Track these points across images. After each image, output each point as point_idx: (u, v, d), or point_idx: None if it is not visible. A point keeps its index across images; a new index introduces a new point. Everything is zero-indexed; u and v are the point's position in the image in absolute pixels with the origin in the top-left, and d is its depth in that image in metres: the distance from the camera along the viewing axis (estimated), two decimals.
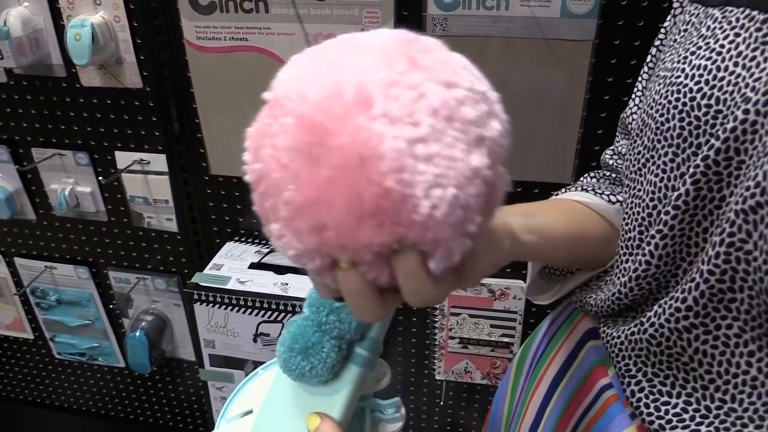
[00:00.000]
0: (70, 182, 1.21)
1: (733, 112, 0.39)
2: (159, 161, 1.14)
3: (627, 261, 0.49)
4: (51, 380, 1.56)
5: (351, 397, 0.47)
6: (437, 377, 1.21)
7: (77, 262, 1.32)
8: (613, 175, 0.60)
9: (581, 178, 0.63)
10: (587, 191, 0.58)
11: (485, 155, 0.33)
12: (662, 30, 0.55)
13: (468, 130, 0.32)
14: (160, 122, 1.10)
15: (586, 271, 0.59)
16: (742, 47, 0.39)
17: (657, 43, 0.56)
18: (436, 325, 1.15)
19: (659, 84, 0.45)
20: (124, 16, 1.01)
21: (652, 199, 0.45)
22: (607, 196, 0.57)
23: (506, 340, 1.12)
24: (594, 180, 0.61)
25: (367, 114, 0.30)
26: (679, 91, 0.42)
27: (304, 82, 0.32)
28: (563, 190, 0.62)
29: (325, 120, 0.30)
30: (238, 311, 1.05)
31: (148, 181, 1.17)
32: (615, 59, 0.89)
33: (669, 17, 0.54)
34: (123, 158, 1.15)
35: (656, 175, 0.45)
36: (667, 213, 0.42)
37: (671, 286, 0.45)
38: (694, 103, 0.41)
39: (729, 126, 0.38)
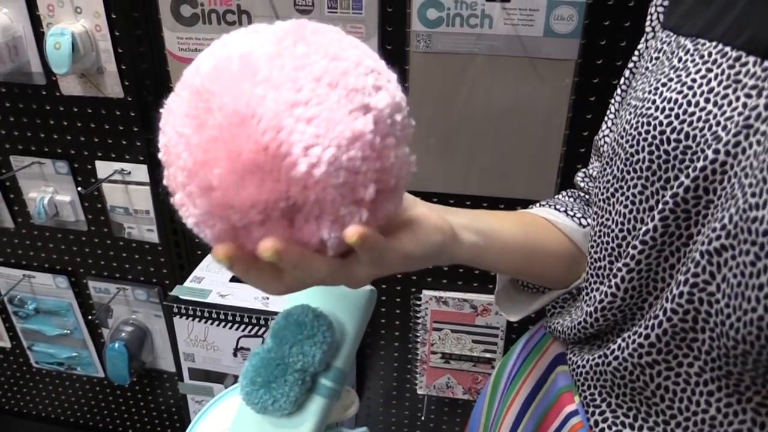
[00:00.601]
0: (49, 191, 1.19)
1: (703, 150, 0.38)
2: (140, 171, 1.13)
3: (594, 290, 0.49)
4: (29, 389, 1.54)
5: (316, 429, 0.46)
6: (419, 392, 1.21)
7: (56, 271, 1.30)
8: (586, 197, 0.60)
9: (556, 196, 0.63)
10: (559, 210, 0.58)
11: (369, 122, 0.34)
12: (635, 53, 0.55)
13: (352, 97, 0.34)
14: (142, 132, 1.09)
15: (555, 290, 0.59)
16: (714, 83, 0.39)
17: (630, 65, 0.56)
18: (418, 339, 1.14)
19: (630, 113, 0.44)
20: (105, 26, 1.00)
21: (621, 230, 0.45)
22: (578, 219, 0.57)
23: (488, 355, 1.11)
24: (568, 199, 0.61)
25: (251, 80, 0.32)
26: (649, 123, 0.42)
27: (202, 58, 0.36)
28: (536, 204, 0.62)
29: (212, 86, 0.33)
30: (218, 325, 1.04)
31: (128, 191, 1.15)
32: (597, 79, 0.89)
33: (642, 41, 0.54)
34: (104, 168, 1.14)
35: (625, 206, 0.45)
36: (634, 247, 0.42)
37: (637, 318, 0.45)
38: (664, 137, 0.40)
39: (699, 165, 0.38)
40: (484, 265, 0.52)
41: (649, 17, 0.52)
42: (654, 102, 0.42)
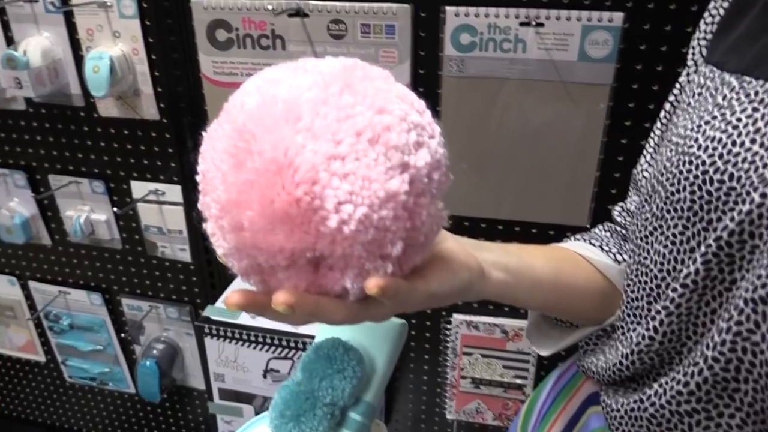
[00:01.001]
0: (85, 210, 1.21)
1: (749, 193, 0.37)
2: (174, 192, 1.15)
3: (630, 331, 0.47)
4: (62, 403, 1.56)
5: None
6: (448, 416, 1.19)
7: (91, 288, 1.33)
8: (623, 231, 0.59)
9: (593, 230, 0.62)
10: (594, 245, 0.57)
11: (405, 182, 0.34)
12: (677, 85, 0.54)
13: (390, 154, 0.33)
14: (176, 154, 1.11)
15: (588, 326, 0.57)
16: (760, 123, 0.38)
17: (671, 98, 0.55)
18: (448, 363, 1.13)
19: (671, 150, 0.43)
20: (142, 49, 1.02)
21: (660, 271, 0.44)
22: (614, 254, 0.56)
23: (519, 381, 1.10)
24: (604, 233, 0.60)
25: (293, 127, 0.32)
26: (690, 162, 0.40)
27: (247, 93, 0.35)
28: (571, 237, 0.61)
29: (254, 128, 0.33)
30: (248, 346, 1.05)
31: (162, 211, 1.17)
32: (633, 103, 0.87)
33: (683, 74, 0.53)
34: (138, 188, 1.16)
35: (665, 246, 0.43)
36: (674, 290, 0.41)
37: (675, 363, 0.44)
38: (707, 177, 0.39)
39: (744, 208, 0.37)
40: (513, 302, 0.51)
41: (691, 50, 0.51)
42: (696, 140, 0.41)
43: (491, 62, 0.88)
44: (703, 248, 0.39)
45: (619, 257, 0.55)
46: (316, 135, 0.32)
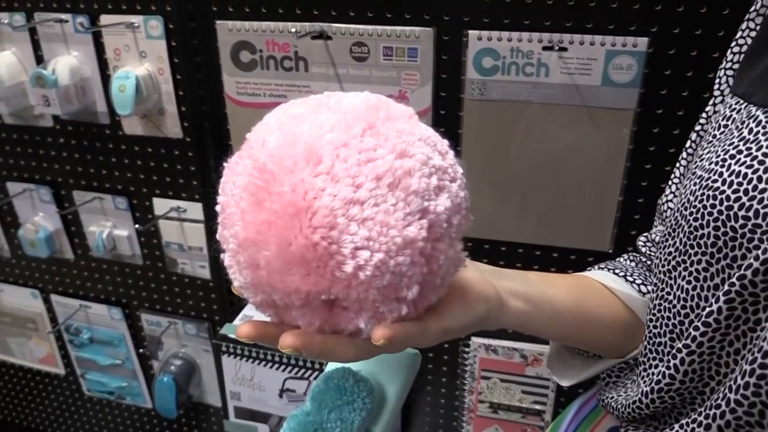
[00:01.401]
0: (108, 225, 1.23)
1: None
2: (195, 209, 1.15)
3: (652, 367, 0.46)
4: (79, 416, 1.57)
5: None
6: None
7: (111, 302, 1.34)
8: (648, 262, 0.58)
9: (617, 259, 0.61)
10: (618, 275, 0.56)
11: (424, 228, 0.34)
12: (703, 115, 0.53)
13: (410, 200, 0.33)
14: (198, 172, 1.12)
15: (610, 358, 0.56)
16: None
17: (697, 128, 0.54)
18: (466, 387, 1.12)
19: (695, 184, 0.42)
20: (168, 69, 1.04)
21: (683, 307, 0.43)
22: (638, 285, 0.54)
23: (538, 407, 1.08)
24: (629, 263, 0.59)
25: (313, 170, 0.32)
26: (715, 198, 0.39)
27: (270, 129, 0.35)
28: (595, 266, 0.60)
29: (274, 168, 0.33)
30: (265, 365, 1.05)
31: (183, 228, 1.18)
32: (657, 128, 0.87)
33: (710, 104, 0.52)
34: (160, 205, 1.17)
35: (688, 282, 0.42)
36: (696, 328, 0.40)
37: (697, 404, 0.42)
38: (731, 213, 0.38)
39: None
40: (532, 332, 0.51)
41: (717, 80, 0.51)
42: (721, 174, 0.40)
43: (513, 86, 0.88)
44: (726, 286, 0.38)
45: (643, 288, 0.54)
46: (335, 178, 0.32)
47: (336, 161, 0.32)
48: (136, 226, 1.20)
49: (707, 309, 0.39)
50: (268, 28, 0.94)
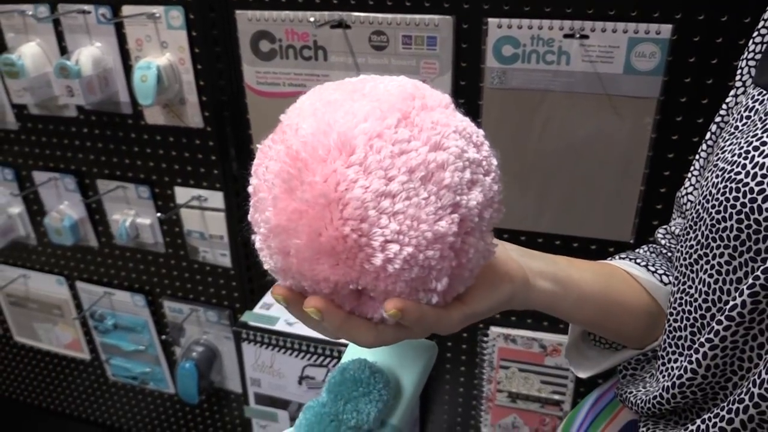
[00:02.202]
0: (131, 214, 1.25)
1: None
2: (216, 198, 1.17)
3: (672, 362, 0.46)
4: (104, 400, 1.61)
5: None
6: (483, 430, 1.18)
7: (134, 289, 1.36)
8: (669, 254, 0.57)
9: (636, 250, 0.60)
10: (639, 264, 0.55)
11: (455, 223, 0.33)
12: (723, 106, 0.52)
13: (442, 194, 0.33)
14: (219, 161, 1.13)
15: (628, 349, 0.56)
16: None
17: (717, 119, 0.53)
18: (484, 376, 1.12)
19: (717, 176, 0.42)
20: (188, 59, 1.04)
21: (705, 301, 0.42)
22: (660, 275, 0.54)
23: (557, 397, 1.08)
24: (650, 254, 0.58)
25: (345, 160, 0.32)
26: (738, 190, 0.39)
27: (304, 115, 0.35)
28: (616, 256, 0.59)
29: (307, 157, 0.33)
30: (284, 353, 1.06)
31: (204, 216, 1.19)
32: (681, 117, 0.85)
33: (731, 95, 0.51)
34: (182, 194, 1.18)
35: (710, 276, 0.42)
36: (719, 323, 0.39)
37: (719, 399, 0.42)
38: (755, 206, 0.38)
39: None
40: (559, 314, 0.50)
41: (739, 71, 0.50)
42: (744, 167, 0.39)
43: (534, 74, 0.87)
44: (750, 279, 0.38)
45: (665, 278, 0.54)
46: (368, 170, 0.32)
47: (369, 152, 0.32)
48: (158, 214, 1.21)
49: (731, 303, 0.39)
50: (288, 17, 0.94)
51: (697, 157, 0.55)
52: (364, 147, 0.32)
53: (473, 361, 1.14)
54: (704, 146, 0.53)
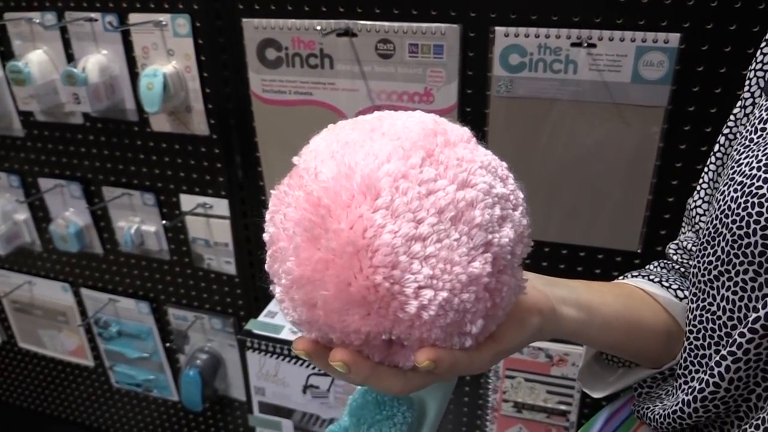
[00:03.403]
0: (136, 221, 1.24)
1: None
2: (221, 206, 1.16)
3: (692, 378, 0.45)
4: (108, 407, 1.60)
5: None
6: None
7: (139, 296, 1.36)
8: (681, 269, 0.56)
9: (647, 267, 0.59)
10: (653, 281, 0.54)
11: (488, 262, 0.32)
12: (731, 118, 0.51)
13: (473, 234, 0.32)
14: (225, 169, 1.12)
15: (645, 368, 0.55)
16: None
17: (726, 131, 0.52)
18: (490, 386, 1.11)
19: (735, 190, 0.40)
20: (195, 67, 1.05)
21: (730, 318, 0.41)
22: (674, 290, 0.53)
23: (563, 407, 1.07)
24: (662, 270, 0.57)
25: (371, 204, 0.30)
26: (761, 205, 0.38)
27: (322, 158, 0.33)
28: (627, 275, 0.58)
29: (330, 203, 0.31)
30: (289, 361, 1.05)
31: (210, 224, 1.19)
32: (689, 126, 0.85)
33: (738, 106, 0.51)
34: (187, 201, 1.18)
35: (733, 293, 0.41)
36: (742, 335, 0.38)
37: (742, 411, 0.41)
38: None
39: None
40: (584, 340, 0.49)
41: (747, 81, 0.49)
42: (766, 180, 0.38)
43: (541, 83, 0.86)
44: None
45: (680, 294, 0.52)
46: (395, 213, 0.30)
47: (395, 195, 0.30)
48: (164, 221, 1.21)
49: (753, 315, 0.38)
50: (294, 25, 0.94)
51: (706, 169, 0.54)
52: (390, 189, 0.30)
53: None
54: (713, 158, 0.53)
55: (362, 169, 0.31)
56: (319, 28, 0.92)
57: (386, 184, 0.31)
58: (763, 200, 0.38)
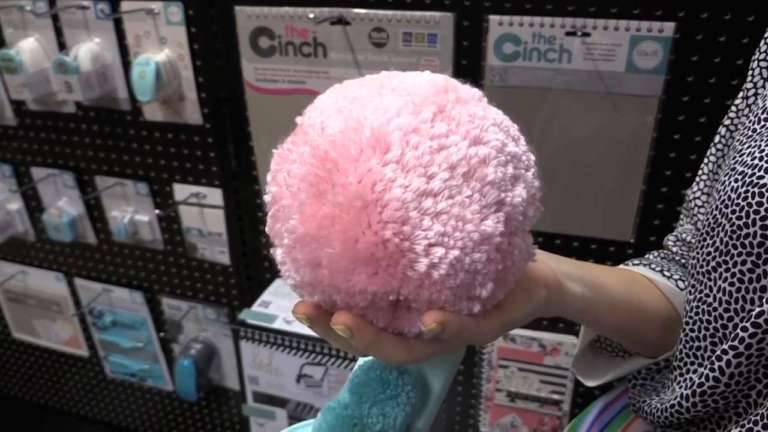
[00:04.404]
0: (129, 210, 1.24)
1: None
2: (215, 195, 1.16)
3: (690, 371, 0.44)
4: (102, 397, 1.60)
5: None
6: (482, 429, 1.17)
7: (133, 286, 1.36)
8: (682, 260, 0.56)
9: (646, 256, 0.59)
10: (654, 270, 0.54)
11: (500, 222, 0.31)
12: (732, 109, 0.51)
13: (486, 191, 0.30)
14: (218, 158, 1.12)
15: (639, 357, 0.54)
16: None
17: (727, 122, 0.52)
18: (483, 375, 1.11)
19: (735, 180, 0.40)
20: (187, 55, 1.04)
21: (726, 310, 0.41)
22: (676, 280, 0.53)
23: (556, 397, 1.07)
24: (662, 260, 0.57)
25: (381, 158, 0.29)
26: (762, 195, 0.37)
27: (328, 113, 0.32)
28: (628, 262, 0.58)
29: (338, 157, 0.30)
30: (282, 351, 1.05)
31: (203, 213, 1.18)
32: (683, 116, 0.85)
33: (740, 97, 0.50)
34: (181, 190, 1.18)
35: (731, 284, 0.40)
36: (744, 329, 0.38)
37: (741, 407, 0.40)
38: None
39: None
40: (589, 319, 0.48)
41: (750, 72, 0.48)
42: (767, 171, 0.38)
43: (535, 72, 0.86)
44: None
45: (680, 284, 0.52)
46: (406, 168, 0.29)
47: (406, 149, 0.29)
48: (157, 211, 1.21)
49: (756, 309, 0.37)
50: (287, 13, 0.93)
51: (705, 161, 0.53)
52: (401, 143, 0.29)
53: (472, 360, 1.14)
54: (713, 149, 0.52)
55: (371, 122, 0.30)
56: (312, 16, 0.91)
57: (396, 138, 0.30)
58: (763, 190, 0.37)
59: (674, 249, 0.56)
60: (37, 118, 1.22)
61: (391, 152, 0.29)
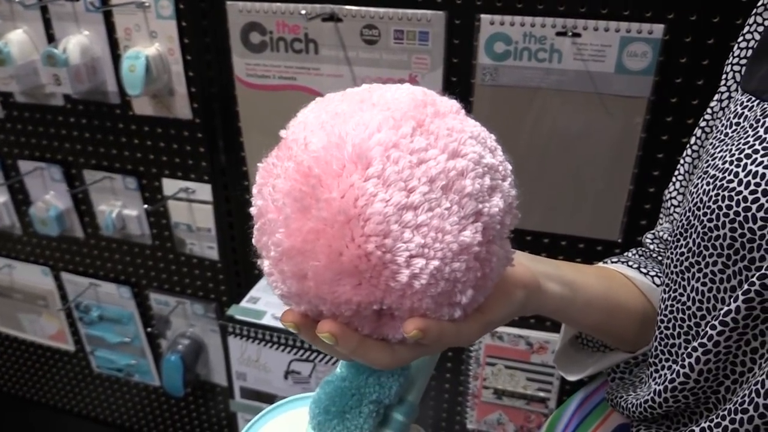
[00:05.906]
0: (117, 205, 1.23)
1: None
2: (204, 190, 1.16)
3: (664, 368, 0.45)
4: (88, 392, 1.60)
5: None
6: (468, 426, 1.18)
7: (120, 281, 1.35)
8: (659, 257, 0.57)
9: (625, 253, 0.60)
10: (632, 267, 0.55)
11: (479, 232, 0.32)
12: (708, 111, 0.52)
13: (464, 203, 0.32)
14: (207, 153, 1.12)
15: (620, 352, 0.55)
16: None
17: (702, 124, 0.53)
18: (470, 373, 1.12)
19: (707, 183, 0.41)
20: (178, 50, 1.03)
21: (699, 309, 0.42)
22: (652, 276, 0.54)
23: (542, 394, 1.08)
24: (640, 257, 0.58)
25: (363, 173, 0.30)
26: (731, 198, 0.38)
27: (311, 129, 0.33)
28: (606, 260, 0.59)
29: (321, 173, 0.31)
30: (270, 347, 1.05)
31: (192, 209, 1.18)
32: (671, 117, 0.85)
33: (715, 100, 0.51)
34: (170, 185, 1.17)
35: (703, 284, 0.41)
36: (713, 327, 0.39)
37: (711, 402, 0.42)
38: (749, 214, 0.37)
39: None
40: (567, 318, 0.49)
41: (724, 76, 0.49)
42: (737, 175, 0.38)
43: (525, 72, 0.87)
44: (745, 286, 0.37)
45: (657, 280, 0.53)
46: (387, 182, 0.30)
47: (387, 164, 0.31)
48: (146, 206, 1.20)
49: (725, 308, 0.38)
50: (279, 9, 0.93)
51: (682, 161, 0.54)
52: (382, 158, 0.31)
53: (459, 358, 1.14)
54: (689, 150, 0.53)
55: (353, 138, 0.31)
56: (303, 12, 0.91)
57: (377, 153, 0.31)
58: (733, 194, 0.38)
59: (652, 246, 0.57)
60: (25, 111, 1.21)
61: (373, 167, 0.30)
